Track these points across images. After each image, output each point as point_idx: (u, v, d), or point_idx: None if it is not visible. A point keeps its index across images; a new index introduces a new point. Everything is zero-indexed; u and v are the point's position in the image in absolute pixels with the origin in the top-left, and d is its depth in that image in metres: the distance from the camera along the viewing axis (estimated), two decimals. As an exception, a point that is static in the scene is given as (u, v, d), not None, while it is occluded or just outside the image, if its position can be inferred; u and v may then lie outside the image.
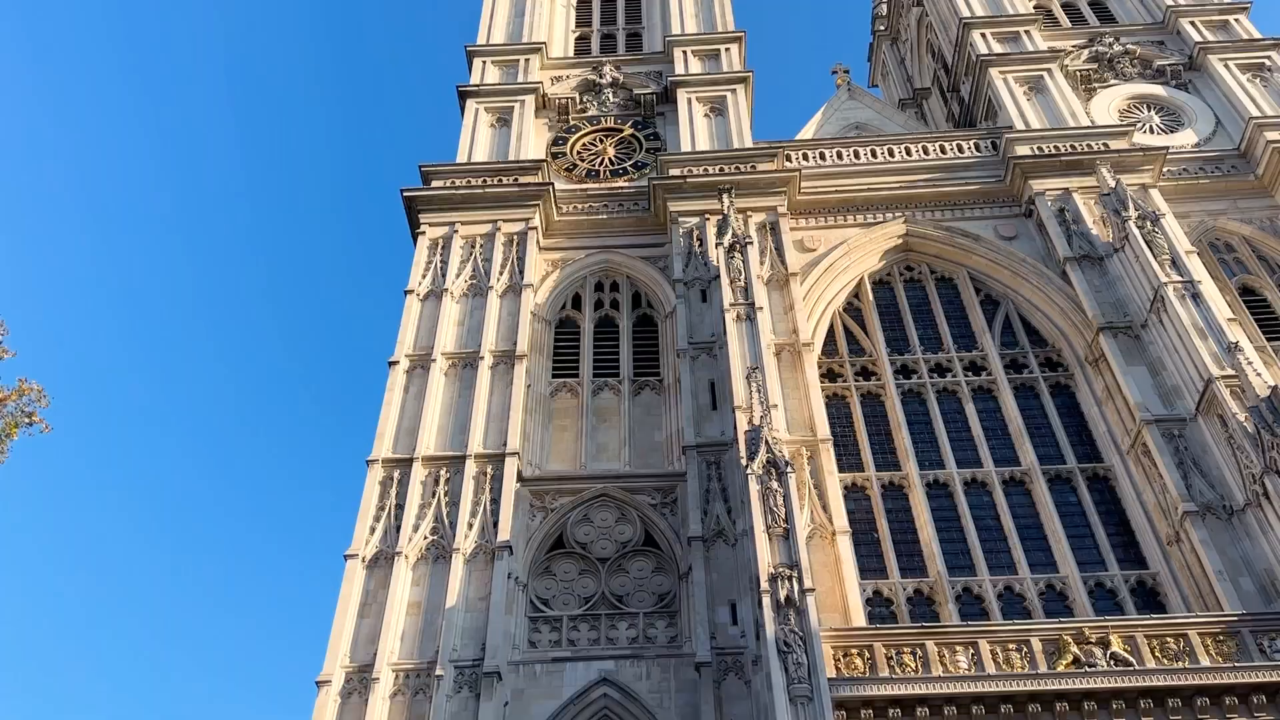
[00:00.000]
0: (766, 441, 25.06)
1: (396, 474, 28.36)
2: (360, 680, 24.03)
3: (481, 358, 31.33)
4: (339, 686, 23.94)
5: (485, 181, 37.35)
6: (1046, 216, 34.75)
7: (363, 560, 26.32)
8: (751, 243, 32.75)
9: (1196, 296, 29.21)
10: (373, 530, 27.01)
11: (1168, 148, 36.93)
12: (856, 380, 32.27)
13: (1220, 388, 26.33)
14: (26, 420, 17.03)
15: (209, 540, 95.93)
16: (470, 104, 41.73)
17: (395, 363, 31.36)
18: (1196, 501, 25.97)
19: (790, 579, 22.10)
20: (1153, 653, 21.65)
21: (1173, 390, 28.60)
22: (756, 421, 25.85)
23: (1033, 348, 32.90)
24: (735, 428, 26.83)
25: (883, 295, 34.96)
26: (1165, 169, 36.12)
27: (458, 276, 34.14)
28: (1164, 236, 31.28)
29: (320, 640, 24.84)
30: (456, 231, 35.57)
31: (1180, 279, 29.69)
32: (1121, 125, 38.22)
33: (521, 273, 34.27)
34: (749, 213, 34.88)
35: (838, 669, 21.67)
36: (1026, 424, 30.48)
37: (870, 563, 27.23)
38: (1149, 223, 31.64)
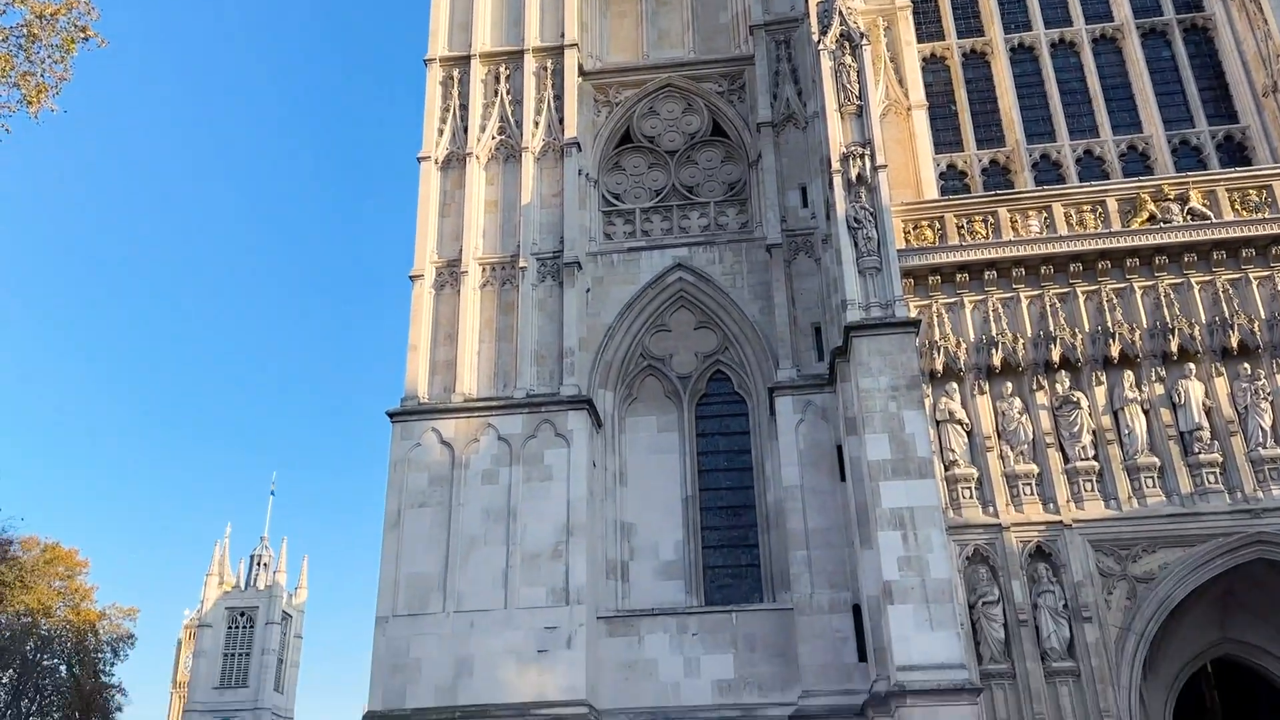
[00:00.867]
0: (840, 12, 23.60)
1: (456, 73, 27.86)
2: (450, 274, 25.52)
3: (528, -64, 29.16)
4: (431, 280, 25.50)
5: None
6: None
7: (435, 162, 26.75)
8: None
9: None
10: (440, 132, 27.15)
11: None
12: (939, -66, 29.35)
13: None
14: (82, 35, 16.64)
15: (291, 145, 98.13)
16: None
17: (437, -46, 29.44)
18: (1303, 47, 24.26)
19: (862, 156, 21.89)
20: (1232, 205, 21.37)
21: (1297, -81, 25.55)
22: (829, -10, 24.14)
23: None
24: (806, 0, 25.19)
25: None
26: None
27: None
28: None
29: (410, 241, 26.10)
30: None
31: None
32: None
33: None
34: None
35: (907, 241, 22.03)
36: (1124, -30, 27.96)
37: (946, 135, 26.64)
38: None
